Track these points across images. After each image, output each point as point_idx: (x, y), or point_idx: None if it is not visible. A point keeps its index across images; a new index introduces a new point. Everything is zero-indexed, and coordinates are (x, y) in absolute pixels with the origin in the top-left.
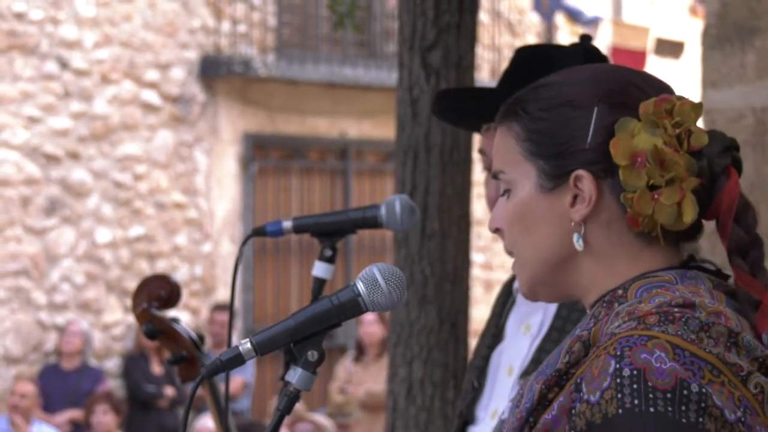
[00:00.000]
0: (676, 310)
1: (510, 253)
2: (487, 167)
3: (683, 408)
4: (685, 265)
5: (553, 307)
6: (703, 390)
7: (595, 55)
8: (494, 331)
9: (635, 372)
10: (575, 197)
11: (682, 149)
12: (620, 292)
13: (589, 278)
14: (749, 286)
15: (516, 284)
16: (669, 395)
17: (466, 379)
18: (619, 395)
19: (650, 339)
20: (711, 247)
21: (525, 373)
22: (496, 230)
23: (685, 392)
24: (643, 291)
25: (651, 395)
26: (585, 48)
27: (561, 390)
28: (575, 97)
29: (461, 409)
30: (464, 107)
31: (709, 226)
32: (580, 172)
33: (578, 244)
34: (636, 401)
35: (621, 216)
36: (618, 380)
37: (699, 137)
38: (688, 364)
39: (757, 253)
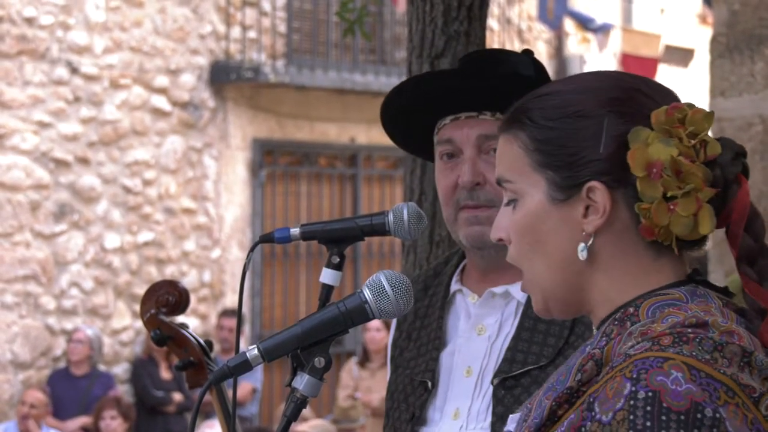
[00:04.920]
0: (689, 330)
1: (514, 263)
2: (451, 153)
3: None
4: (691, 278)
5: (511, 308)
6: (717, 415)
7: (540, 67)
8: (439, 334)
9: (650, 394)
10: (587, 208)
11: (698, 159)
12: (631, 310)
13: (600, 292)
14: (756, 295)
15: (454, 286)
16: (683, 417)
17: (414, 382)
18: (631, 417)
19: (666, 360)
20: (720, 255)
21: (499, 372)
22: (500, 240)
23: (699, 416)
24: (655, 309)
25: (664, 417)
26: (532, 60)
27: (571, 407)
28: (583, 107)
29: (413, 410)
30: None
31: (719, 234)
32: (594, 183)
33: (582, 254)
34: (648, 423)
35: (633, 226)
36: (632, 402)
37: (713, 147)
38: (704, 385)
39: (765, 262)
